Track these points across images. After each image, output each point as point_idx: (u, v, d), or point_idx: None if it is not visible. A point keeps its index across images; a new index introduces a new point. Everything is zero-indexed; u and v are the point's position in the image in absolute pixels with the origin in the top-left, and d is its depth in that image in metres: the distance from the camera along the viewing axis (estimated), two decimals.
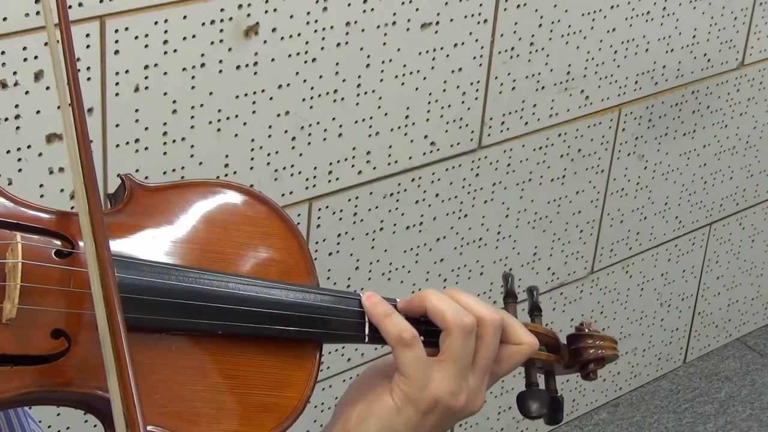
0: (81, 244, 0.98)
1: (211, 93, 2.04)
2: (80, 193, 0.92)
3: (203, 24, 1.98)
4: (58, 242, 0.99)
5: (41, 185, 1.92)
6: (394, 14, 2.21)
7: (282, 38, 2.08)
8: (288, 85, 2.13)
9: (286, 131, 2.17)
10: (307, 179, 2.24)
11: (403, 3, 2.21)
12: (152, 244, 1.04)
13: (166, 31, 1.95)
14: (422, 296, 1.09)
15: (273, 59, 2.09)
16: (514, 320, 1.13)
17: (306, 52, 2.13)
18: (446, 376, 1.07)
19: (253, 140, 2.13)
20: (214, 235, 1.07)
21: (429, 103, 2.35)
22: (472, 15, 2.33)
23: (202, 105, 2.04)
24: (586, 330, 1.24)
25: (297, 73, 2.13)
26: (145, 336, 1.00)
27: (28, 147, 1.88)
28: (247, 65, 2.06)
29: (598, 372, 1.24)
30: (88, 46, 1.87)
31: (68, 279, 0.97)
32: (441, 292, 1.10)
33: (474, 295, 1.11)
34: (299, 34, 2.10)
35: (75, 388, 0.96)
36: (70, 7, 1.81)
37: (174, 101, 2.00)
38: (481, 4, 2.33)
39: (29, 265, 0.95)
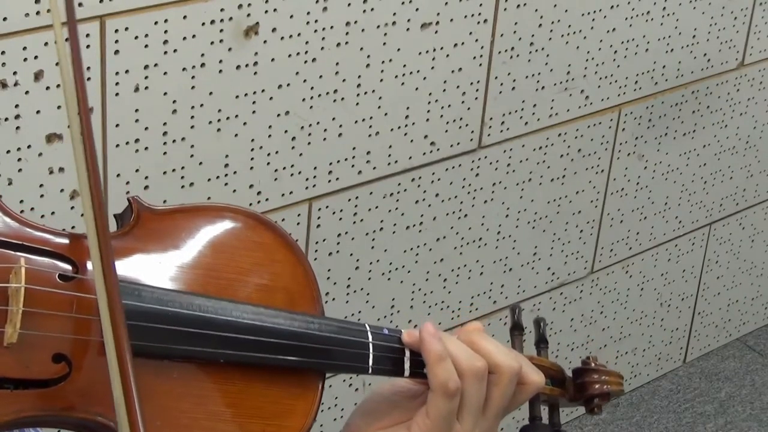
0: (88, 266, 0.97)
1: (211, 93, 2.04)
2: (90, 223, 0.90)
3: (203, 24, 1.98)
4: (63, 265, 0.98)
5: (41, 185, 1.92)
6: (394, 14, 2.21)
7: (282, 38, 2.08)
8: (288, 85, 2.13)
9: (286, 131, 2.17)
10: (307, 179, 2.24)
11: (403, 3, 2.21)
12: (158, 269, 1.03)
13: (166, 31, 1.94)
14: (430, 341, 1.07)
15: (273, 59, 2.09)
16: (524, 360, 1.13)
17: (306, 52, 2.13)
18: (463, 422, 1.08)
19: (253, 140, 2.13)
20: (220, 261, 1.07)
21: (429, 103, 2.35)
22: (472, 15, 2.33)
23: (202, 105, 2.04)
24: (593, 364, 1.24)
25: (297, 73, 2.13)
26: (146, 362, 0.99)
27: (28, 147, 1.88)
28: (247, 65, 2.06)
29: (602, 407, 1.24)
30: (88, 46, 1.87)
31: (71, 304, 0.96)
32: (454, 334, 1.10)
33: (494, 340, 1.11)
34: (299, 34, 2.10)
35: (75, 413, 0.96)
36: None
37: (174, 101, 2.00)
38: (481, 4, 2.33)
39: (32, 290, 0.94)
